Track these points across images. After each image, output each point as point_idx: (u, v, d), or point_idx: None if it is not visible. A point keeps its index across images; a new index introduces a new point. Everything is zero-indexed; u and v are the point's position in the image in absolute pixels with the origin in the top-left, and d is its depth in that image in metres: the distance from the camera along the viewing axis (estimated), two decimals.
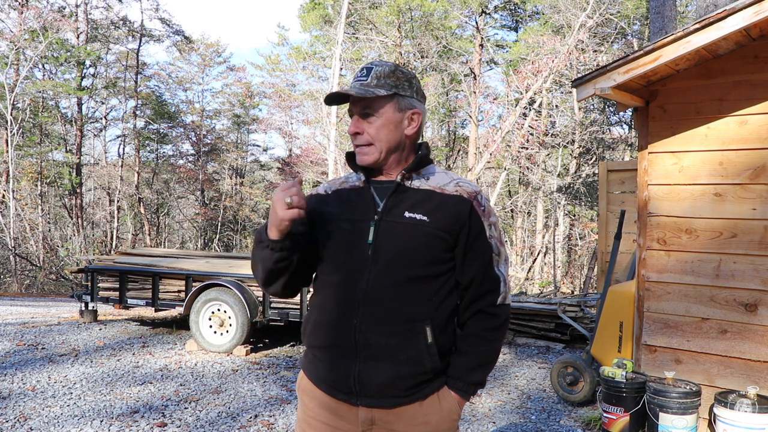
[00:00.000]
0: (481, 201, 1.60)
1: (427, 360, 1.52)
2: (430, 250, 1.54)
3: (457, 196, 1.58)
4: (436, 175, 1.64)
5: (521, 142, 15.76)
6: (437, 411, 1.57)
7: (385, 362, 1.52)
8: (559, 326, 6.94)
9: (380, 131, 1.58)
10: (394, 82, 1.59)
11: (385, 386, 1.52)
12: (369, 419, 1.55)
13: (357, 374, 1.52)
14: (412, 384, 1.53)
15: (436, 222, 1.54)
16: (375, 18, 18.59)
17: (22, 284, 15.26)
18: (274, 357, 5.99)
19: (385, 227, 1.55)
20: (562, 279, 15.59)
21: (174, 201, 25.55)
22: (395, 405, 1.54)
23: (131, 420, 4.04)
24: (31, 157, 19.68)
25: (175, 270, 6.57)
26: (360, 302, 1.52)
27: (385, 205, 1.58)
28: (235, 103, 28.47)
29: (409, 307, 1.52)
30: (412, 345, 1.51)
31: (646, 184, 3.87)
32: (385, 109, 1.58)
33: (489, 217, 1.60)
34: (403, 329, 1.51)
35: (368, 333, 1.51)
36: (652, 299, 3.85)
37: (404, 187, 1.60)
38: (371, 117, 1.58)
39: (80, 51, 19.55)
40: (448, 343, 1.59)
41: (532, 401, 4.78)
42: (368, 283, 1.53)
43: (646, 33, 16.25)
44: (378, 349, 1.51)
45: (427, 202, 1.57)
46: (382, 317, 1.51)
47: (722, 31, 3.15)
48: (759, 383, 3.45)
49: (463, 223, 1.56)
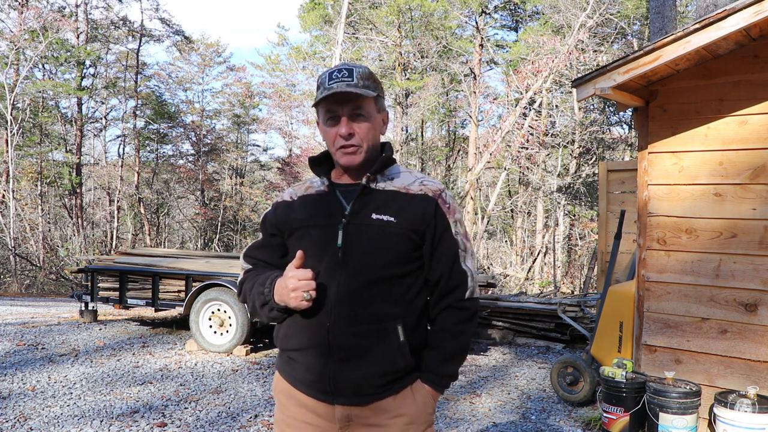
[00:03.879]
0: (446, 198, 1.63)
1: (400, 358, 1.56)
2: (399, 250, 1.56)
3: (422, 195, 1.61)
4: (400, 175, 1.66)
5: (521, 142, 15.75)
6: (412, 404, 1.60)
7: (359, 362, 1.54)
8: (559, 326, 6.94)
9: (368, 132, 1.60)
10: (373, 83, 1.60)
11: (359, 385, 1.56)
12: (346, 416, 1.59)
13: (331, 375, 1.55)
14: (385, 381, 1.57)
15: (404, 222, 1.57)
16: (375, 18, 18.58)
17: (22, 284, 15.26)
18: (274, 357, 5.99)
19: (354, 230, 1.57)
20: (562, 279, 15.59)
21: (174, 201, 25.55)
22: (370, 402, 1.58)
23: (131, 420, 4.04)
24: (31, 157, 19.68)
25: (175, 270, 6.57)
26: (332, 305, 1.54)
27: (352, 208, 1.59)
28: (235, 103, 28.47)
29: (381, 307, 1.54)
30: (385, 344, 1.54)
31: (646, 184, 3.87)
32: (371, 110, 1.61)
33: (454, 213, 1.63)
34: (375, 329, 1.54)
35: (341, 335, 1.53)
36: (652, 299, 3.85)
37: (369, 189, 1.61)
38: (360, 118, 1.59)
39: (80, 51, 19.55)
40: (420, 339, 1.62)
41: (532, 401, 4.78)
42: (339, 286, 1.54)
43: (646, 33, 16.24)
44: (351, 349, 1.54)
45: (393, 202, 1.59)
46: (355, 318, 1.53)
47: (722, 31, 3.15)
48: (759, 383, 3.45)
49: (429, 221, 1.59)
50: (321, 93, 1.57)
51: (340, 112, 1.57)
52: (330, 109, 1.58)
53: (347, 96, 1.55)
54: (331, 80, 1.56)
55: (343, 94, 1.54)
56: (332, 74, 1.57)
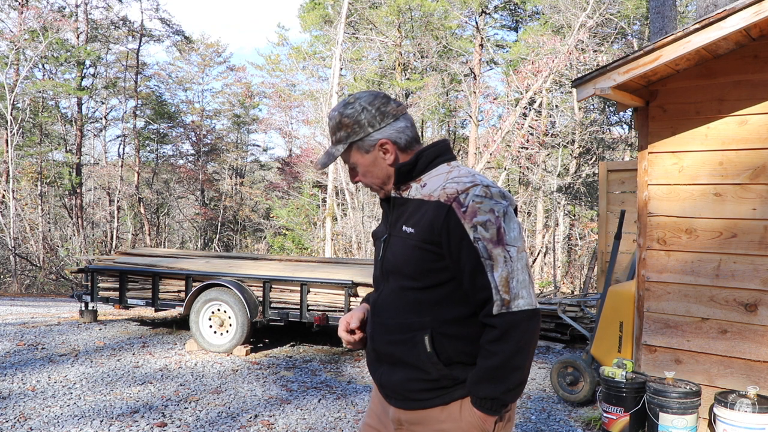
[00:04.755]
0: (464, 201, 1.47)
1: (431, 368, 1.54)
2: (419, 263, 1.54)
3: (435, 203, 1.51)
4: (434, 179, 1.58)
5: (521, 142, 15.76)
6: (455, 420, 1.54)
7: (395, 367, 1.62)
8: (559, 326, 6.94)
9: (366, 175, 1.67)
10: (345, 132, 1.61)
11: (399, 388, 1.61)
12: (397, 419, 1.65)
13: (380, 377, 1.67)
14: (424, 388, 1.56)
15: (419, 233, 1.53)
16: (375, 18, 18.59)
17: (22, 284, 15.26)
18: (274, 357, 5.99)
19: (390, 242, 1.64)
20: (562, 279, 15.60)
21: (174, 201, 25.56)
22: (415, 408, 1.60)
23: (131, 420, 4.04)
24: (31, 157, 19.69)
25: (175, 270, 6.57)
26: (373, 314, 1.68)
27: (390, 220, 1.67)
28: (235, 103, 28.49)
29: (407, 317, 1.57)
30: (413, 353, 1.56)
31: (646, 184, 3.87)
32: (355, 158, 1.65)
33: (473, 217, 1.45)
34: (404, 338, 1.58)
35: (379, 342, 1.64)
36: (652, 299, 3.85)
37: (402, 200, 1.63)
38: (355, 168, 1.68)
39: (80, 51, 19.56)
40: (458, 352, 1.54)
41: (532, 401, 4.78)
42: (379, 297, 1.67)
43: (646, 33, 16.24)
44: (387, 356, 1.63)
45: (416, 212, 1.56)
46: (387, 327, 1.62)
47: (722, 31, 3.15)
48: (759, 383, 3.44)
49: (440, 231, 1.49)
50: None
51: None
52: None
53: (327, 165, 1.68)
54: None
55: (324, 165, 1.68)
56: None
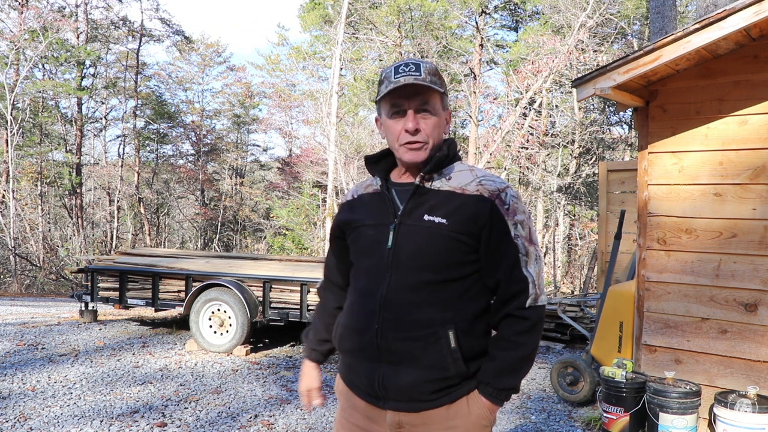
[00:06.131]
0: (505, 199, 1.53)
1: (451, 365, 1.49)
2: (450, 254, 1.50)
3: (477, 196, 1.52)
4: (459, 173, 1.57)
5: (521, 142, 15.76)
6: (465, 416, 1.53)
7: (408, 367, 1.50)
8: (559, 326, 6.94)
9: (434, 129, 1.55)
10: (439, 80, 1.54)
11: (407, 390, 1.51)
12: (396, 422, 1.55)
13: (381, 378, 1.53)
14: (437, 388, 1.51)
15: (455, 224, 1.50)
16: (375, 18, 18.58)
17: (22, 284, 15.25)
18: (274, 357, 5.99)
19: (405, 231, 1.53)
20: (562, 279, 15.60)
21: (174, 201, 25.55)
22: (421, 409, 1.52)
23: (131, 420, 4.04)
24: (31, 157, 19.68)
25: (175, 270, 6.57)
26: (381, 307, 1.52)
27: (404, 208, 1.55)
28: (235, 103, 28.48)
29: (430, 311, 1.50)
30: (434, 350, 1.49)
31: (646, 184, 3.87)
32: (437, 106, 1.55)
33: (514, 215, 1.52)
34: (424, 334, 1.49)
35: (390, 338, 1.51)
36: (652, 299, 3.85)
37: (424, 189, 1.56)
38: (427, 113, 1.53)
39: (80, 51, 19.55)
40: (477, 346, 1.54)
41: (532, 401, 4.78)
42: (389, 288, 1.52)
43: (646, 33, 16.24)
44: (400, 354, 1.51)
45: (447, 203, 1.53)
46: (403, 322, 1.50)
47: (722, 31, 3.15)
48: (759, 383, 3.44)
49: (483, 224, 1.50)
50: (386, 86, 1.52)
51: (406, 106, 1.52)
52: (395, 103, 1.53)
53: (415, 89, 1.50)
54: (397, 74, 1.50)
55: (412, 87, 1.49)
56: (398, 68, 1.51)
